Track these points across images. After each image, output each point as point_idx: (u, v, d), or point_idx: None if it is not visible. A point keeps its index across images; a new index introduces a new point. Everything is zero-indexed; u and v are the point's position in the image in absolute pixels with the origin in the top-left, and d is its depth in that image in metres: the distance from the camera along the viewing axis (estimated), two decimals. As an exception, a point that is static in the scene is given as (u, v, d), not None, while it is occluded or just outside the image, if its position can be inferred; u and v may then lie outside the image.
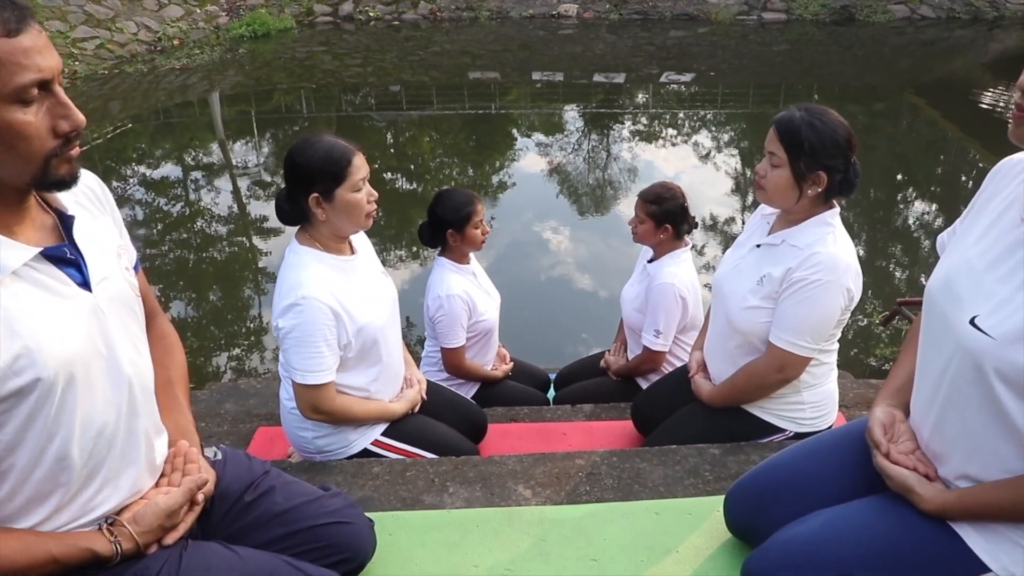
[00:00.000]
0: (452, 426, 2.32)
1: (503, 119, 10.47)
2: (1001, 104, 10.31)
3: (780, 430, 2.11)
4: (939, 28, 14.99)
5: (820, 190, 1.85)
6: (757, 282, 1.94)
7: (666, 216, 2.61)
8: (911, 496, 1.32)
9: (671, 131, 10.07)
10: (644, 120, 10.46)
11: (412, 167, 8.69)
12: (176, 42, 12.86)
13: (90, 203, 1.28)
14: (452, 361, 2.71)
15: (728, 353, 2.08)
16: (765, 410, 2.09)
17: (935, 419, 1.32)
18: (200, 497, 1.33)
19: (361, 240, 2.13)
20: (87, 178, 1.27)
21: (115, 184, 7.90)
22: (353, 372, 2.01)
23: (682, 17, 15.47)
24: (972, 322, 1.19)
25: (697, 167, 8.58)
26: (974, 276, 1.25)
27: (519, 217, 6.99)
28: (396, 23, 15.26)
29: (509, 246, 6.29)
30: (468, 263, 2.76)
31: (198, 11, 13.99)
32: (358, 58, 13.12)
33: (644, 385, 2.84)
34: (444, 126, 10.12)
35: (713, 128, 10.16)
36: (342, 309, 1.88)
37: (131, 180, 8.00)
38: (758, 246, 2.02)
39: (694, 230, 2.74)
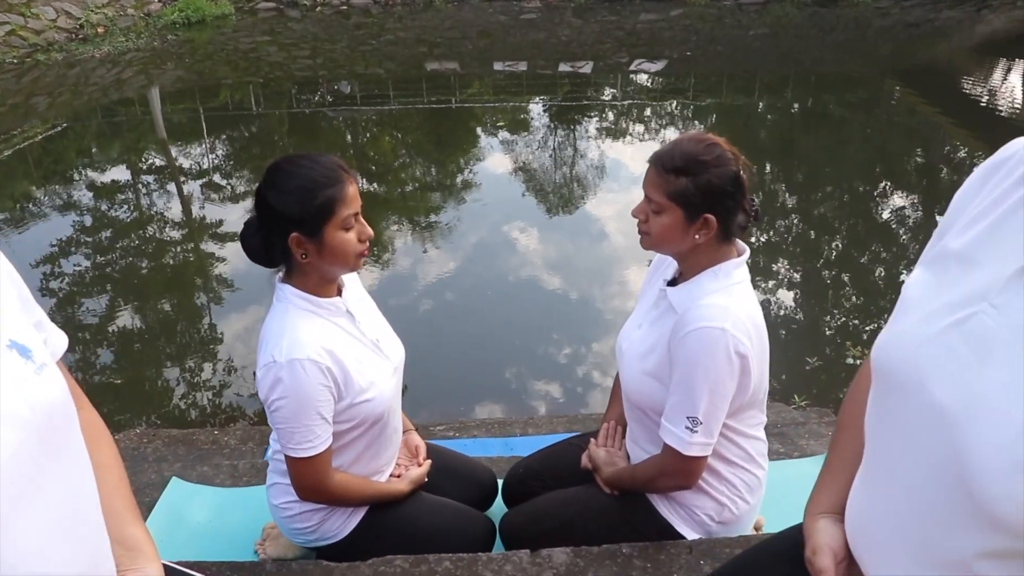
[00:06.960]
0: None
1: (464, 114, 11.18)
2: (979, 89, 11.35)
3: None
4: (925, 9, 16.15)
5: None
6: None
7: (707, 197, 1.60)
8: None
9: (639, 127, 10.88)
10: (611, 115, 11.26)
11: (373, 168, 9.33)
12: (100, 29, 13.36)
13: None
14: (304, 480, 1.74)
15: (960, 562, 0.87)
16: None
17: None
18: None
19: None
20: None
21: (57, 187, 8.47)
22: None
23: (653, -2, 16.46)
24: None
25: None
26: None
27: (485, 216, 7.64)
28: (344, 8, 16.00)
29: (476, 246, 6.94)
30: (336, 295, 1.79)
31: (127, -4, 14.54)
32: (306, 49, 13.82)
33: (662, 508, 1.85)
34: (404, 123, 10.81)
35: (682, 122, 11.00)
36: None
37: (77, 183, 8.56)
38: None
39: (755, 223, 1.73)
